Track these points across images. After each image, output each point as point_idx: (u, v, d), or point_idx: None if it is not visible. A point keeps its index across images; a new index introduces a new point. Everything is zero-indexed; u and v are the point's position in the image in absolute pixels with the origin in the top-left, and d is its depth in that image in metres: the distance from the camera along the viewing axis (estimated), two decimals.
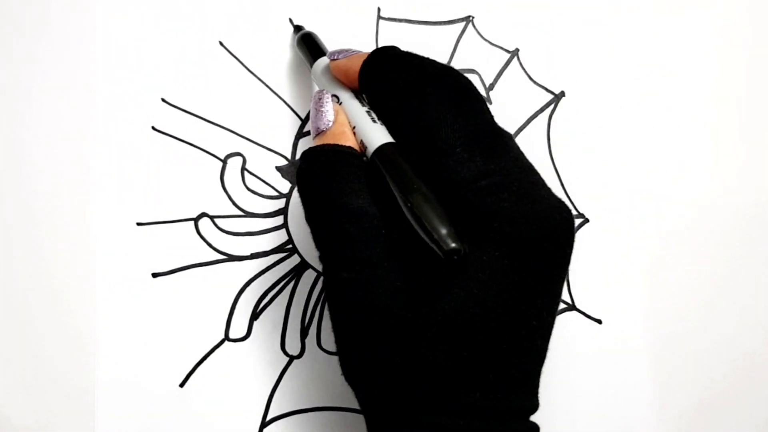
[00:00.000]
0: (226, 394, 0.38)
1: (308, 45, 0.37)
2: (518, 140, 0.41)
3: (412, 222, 0.26)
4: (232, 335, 0.39)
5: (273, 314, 0.39)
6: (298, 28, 0.40)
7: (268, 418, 0.38)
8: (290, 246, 0.40)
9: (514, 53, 0.42)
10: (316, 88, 0.35)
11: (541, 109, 0.42)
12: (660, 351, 0.40)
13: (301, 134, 0.40)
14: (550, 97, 0.42)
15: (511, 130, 0.42)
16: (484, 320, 0.26)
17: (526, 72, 0.42)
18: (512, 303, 0.26)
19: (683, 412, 0.40)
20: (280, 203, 0.40)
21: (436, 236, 0.25)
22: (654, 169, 0.42)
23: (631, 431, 0.40)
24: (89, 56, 0.40)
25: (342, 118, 0.31)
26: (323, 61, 0.35)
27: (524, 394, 0.27)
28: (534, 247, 0.26)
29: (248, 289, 0.39)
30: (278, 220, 0.40)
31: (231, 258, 0.39)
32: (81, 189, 0.39)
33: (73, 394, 0.38)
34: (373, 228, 0.28)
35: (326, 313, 0.39)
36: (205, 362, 0.38)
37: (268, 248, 0.40)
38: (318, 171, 0.29)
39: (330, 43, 0.41)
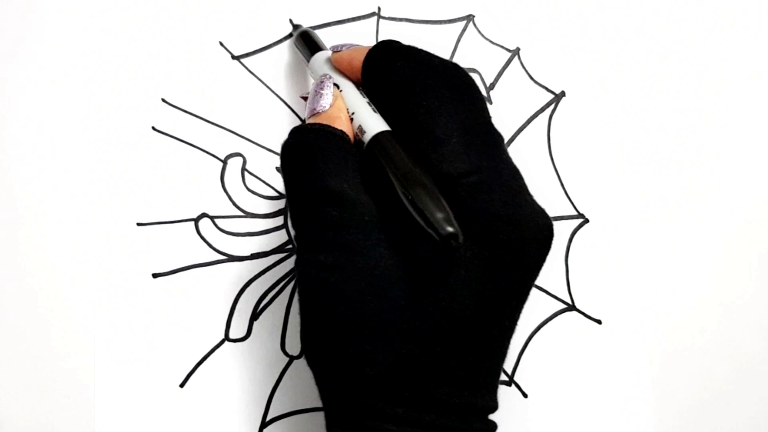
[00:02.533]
0: (226, 394, 0.38)
1: (307, 41, 0.37)
2: (518, 140, 0.41)
3: (409, 207, 0.25)
4: (232, 335, 0.39)
5: (273, 314, 0.39)
6: (296, 27, 0.40)
7: (268, 418, 0.38)
8: (290, 246, 0.40)
9: (515, 52, 0.42)
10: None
11: (542, 109, 0.42)
12: (660, 351, 0.40)
13: None
14: (551, 96, 0.42)
15: (512, 130, 0.41)
16: (462, 317, 0.26)
17: (526, 71, 0.42)
18: (490, 302, 0.26)
19: (683, 413, 0.40)
20: (280, 204, 0.40)
21: (433, 220, 0.24)
22: (655, 168, 0.42)
23: (631, 431, 0.40)
24: (89, 56, 0.40)
25: (340, 103, 0.30)
26: (323, 55, 0.35)
27: (488, 393, 0.28)
28: (517, 250, 0.26)
29: (248, 289, 0.39)
30: (278, 221, 0.40)
31: (231, 258, 0.39)
32: (81, 189, 0.39)
33: (73, 394, 0.38)
34: (357, 214, 0.27)
35: None
36: (205, 362, 0.38)
37: (268, 248, 0.40)
38: (304, 149, 0.29)
39: (330, 42, 0.41)
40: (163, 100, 0.40)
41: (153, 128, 0.40)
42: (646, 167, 0.42)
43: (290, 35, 0.40)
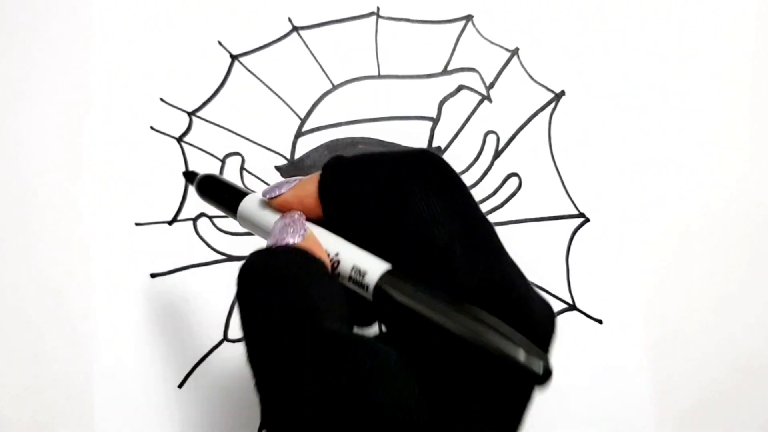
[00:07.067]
0: (224, 394, 0.38)
1: (217, 190, 0.30)
2: (519, 139, 0.41)
3: (477, 352, 0.21)
4: (230, 335, 0.39)
5: None
6: (190, 176, 0.31)
7: None
8: None
9: (514, 52, 0.42)
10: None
11: (542, 108, 0.42)
12: (660, 351, 0.40)
13: (300, 133, 0.40)
14: (551, 96, 0.42)
15: (512, 130, 0.41)
16: None
17: (526, 71, 0.42)
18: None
19: (683, 412, 0.40)
20: None
21: (520, 361, 0.20)
22: (655, 168, 0.42)
23: (631, 431, 0.39)
24: (87, 56, 0.40)
25: (315, 238, 0.25)
26: (253, 200, 0.27)
27: None
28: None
29: None
30: None
31: (230, 258, 0.39)
32: (79, 189, 0.39)
33: (72, 395, 0.38)
34: (390, 365, 0.21)
35: None
36: (204, 363, 0.38)
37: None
38: (280, 277, 0.23)
39: (328, 44, 0.41)
40: (162, 99, 0.40)
41: (151, 128, 0.40)
42: (647, 166, 0.42)
43: (191, 178, 0.32)
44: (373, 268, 0.24)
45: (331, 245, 0.25)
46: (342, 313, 0.23)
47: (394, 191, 0.24)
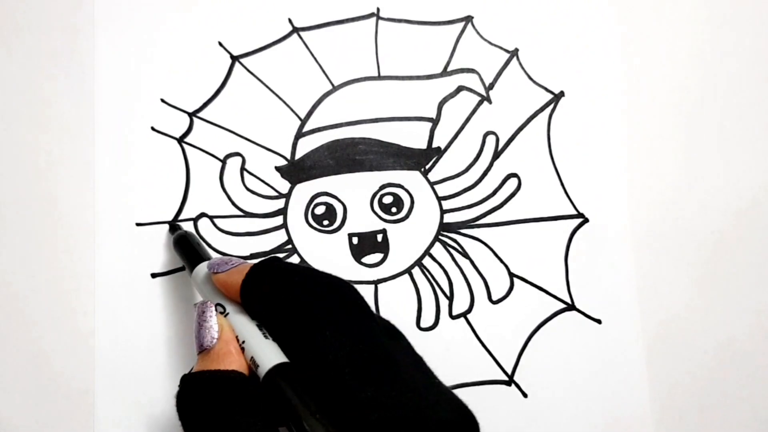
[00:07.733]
0: None
1: (186, 249, 0.36)
2: (518, 140, 0.41)
3: None
4: None
5: None
6: (174, 228, 0.39)
7: None
8: (290, 246, 0.40)
9: (514, 53, 0.42)
10: (198, 297, 0.33)
11: (541, 109, 0.42)
12: (659, 350, 0.40)
13: (300, 134, 0.40)
14: (550, 96, 0.42)
15: (511, 130, 0.42)
16: None
17: (525, 72, 0.42)
18: None
19: (682, 412, 0.40)
20: (279, 203, 0.40)
21: None
22: (653, 168, 0.42)
23: (629, 430, 0.40)
24: (89, 57, 0.40)
25: (227, 333, 0.29)
26: (203, 269, 0.33)
27: None
28: None
29: None
30: (278, 220, 0.40)
31: None
32: (80, 189, 0.39)
33: (73, 395, 0.38)
34: None
35: None
36: None
37: (267, 248, 0.40)
38: (199, 403, 0.27)
39: (329, 45, 0.41)
40: (163, 100, 0.40)
41: (152, 128, 0.40)
42: (646, 167, 0.42)
43: (174, 230, 0.38)
44: (264, 362, 0.27)
45: (240, 332, 0.29)
46: (259, 420, 0.26)
47: (297, 313, 0.28)
